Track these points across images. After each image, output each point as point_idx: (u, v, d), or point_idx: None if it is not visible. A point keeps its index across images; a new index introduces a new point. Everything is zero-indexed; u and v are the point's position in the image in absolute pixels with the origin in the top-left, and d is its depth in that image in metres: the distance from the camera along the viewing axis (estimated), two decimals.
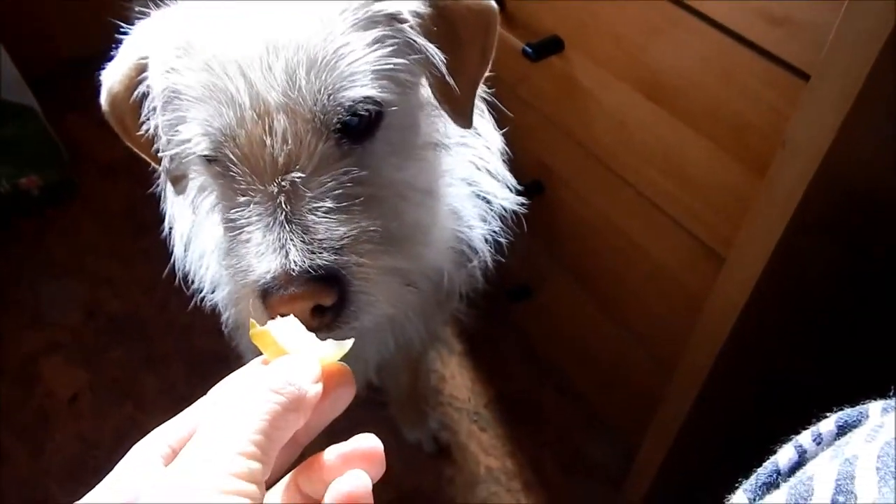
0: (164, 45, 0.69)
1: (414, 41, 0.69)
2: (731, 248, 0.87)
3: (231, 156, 0.65)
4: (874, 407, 0.47)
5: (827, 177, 0.72)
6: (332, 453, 0.48)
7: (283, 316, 0.53)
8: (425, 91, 0.75)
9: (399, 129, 0.71)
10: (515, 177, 1.27)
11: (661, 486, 1.23)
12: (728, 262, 0.88)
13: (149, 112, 0.71)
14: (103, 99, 0.75)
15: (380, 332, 0.94)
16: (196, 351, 1.60)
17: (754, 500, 0.47)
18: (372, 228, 0.66)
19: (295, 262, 0.61)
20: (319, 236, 0.62)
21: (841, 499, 0.41)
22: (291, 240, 0.61)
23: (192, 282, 0.92)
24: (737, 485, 0.50)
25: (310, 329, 0.53)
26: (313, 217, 0.63)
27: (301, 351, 0.48)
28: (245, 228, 0.65)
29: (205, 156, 0.67)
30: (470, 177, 0.92)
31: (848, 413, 0.47)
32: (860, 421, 0.46)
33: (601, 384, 1.41)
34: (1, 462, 1.46)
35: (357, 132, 0.67)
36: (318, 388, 0.46)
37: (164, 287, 1.27)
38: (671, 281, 1.06)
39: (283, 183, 0.63)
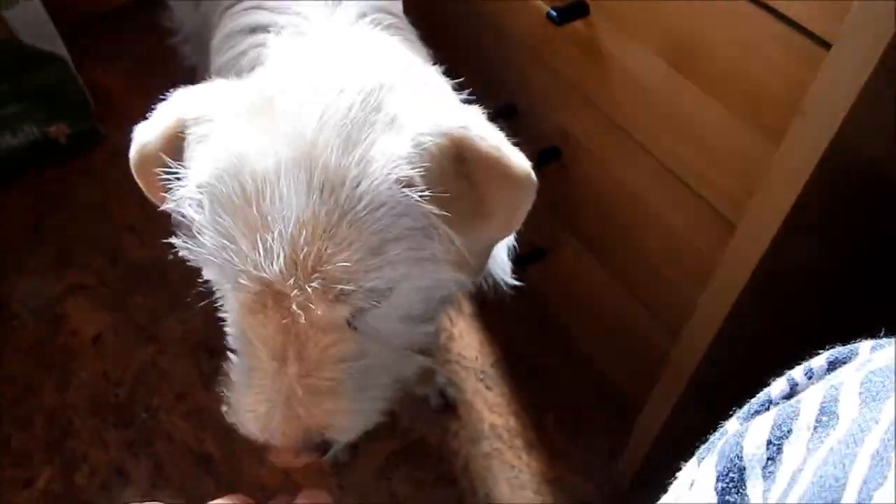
0: (211, 153, 0.70)
1: (434, 228, 0.70)
2: (743, 215, 0.88)
3: (250, 331, 0.72)
4: (864, 345, 0.50)
5: (842, 146, 0.73)
6: None
7: None
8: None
9: (404, 293, 0.74)
10: (533, 142, 1.28)
11: (657, 452, 1.25)
12: (739, 229, 0.89)
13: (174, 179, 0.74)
14: (133, 152, 0.78)
15: None
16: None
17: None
18: (358, 398, 0.74)
19: (286, 444, 0.73)
20: (310, 422, 0.71)
21: (824, 419, 0.44)
22: (287, 422, 0.71)
23: None
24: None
25: None
26: (306, 406, 0.71)
27: None
28: (252, 381, 0.73)
29: None
30: None
31: (839, 350, 0.50)
32: (850, 358, 0.49)
33: (610, 351, 1.43)
34: (30, 393, 1.52)
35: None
36: None
37: None
38: (683, 248, 1.07)
39: (289, 371, 0.70)
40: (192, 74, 1.46)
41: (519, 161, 0.72)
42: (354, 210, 0.65)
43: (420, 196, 0.67)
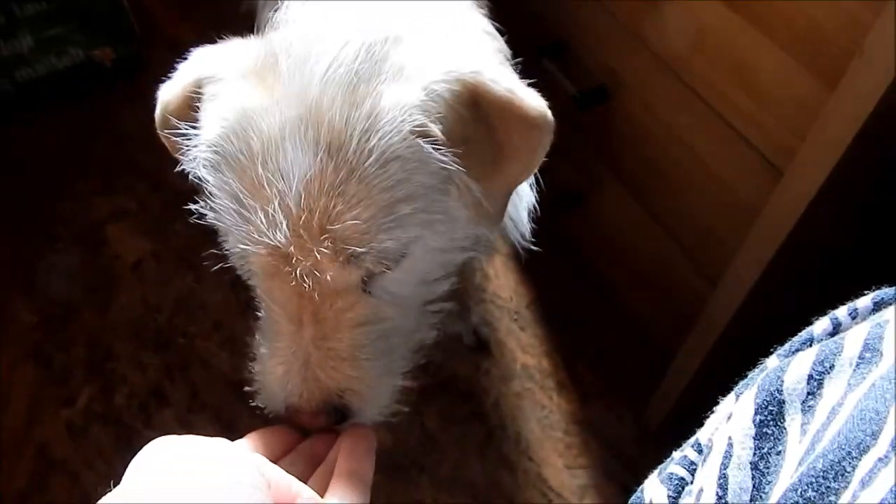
0: (220, 106, 0.70)
1: (451, 180, 0.70)
2: (791, 162, 0.87)
3: (267, 294, 0.72)
4: None
5: None
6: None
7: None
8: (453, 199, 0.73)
9: (418, 258, 0.73)
10: (581, 81, 1.27)
11: (688, 397, 1.26)
12: (787, 175, 0.88)
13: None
14: (157, 112, 0.78)
15: None
16: None
17: None
18: (377, 365, 0.73)
19: (304, 405, 0.71)
20: (328, 384, 0.71)
21: (867, 355, 0.45)
22: (305, 383, 0.70)
23: None
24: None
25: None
26: (324, 368, 0.70)
27: None
28: (272, 344, 0.73)
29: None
30: None
31: (885, 291, 0.50)
32: None
33: (645, 295, 1.43)
34: (72, 316, 1.56)
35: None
36: None
37: None
38: (727, 194, 1.06)
39: (305, 335, 0.70)
40: (237, 2, 1.44)
41: (534, 101, 0.71)
42: (364, 165, 0.63)
43: (436, 146, 0.66)
